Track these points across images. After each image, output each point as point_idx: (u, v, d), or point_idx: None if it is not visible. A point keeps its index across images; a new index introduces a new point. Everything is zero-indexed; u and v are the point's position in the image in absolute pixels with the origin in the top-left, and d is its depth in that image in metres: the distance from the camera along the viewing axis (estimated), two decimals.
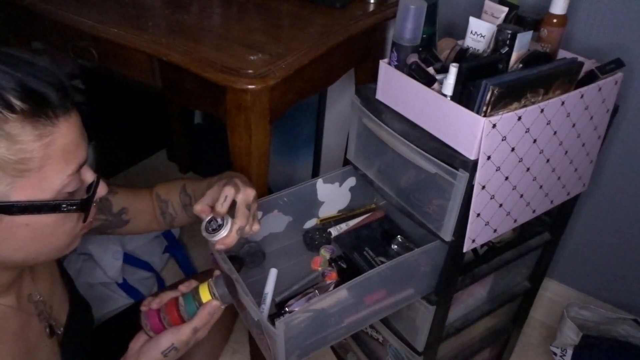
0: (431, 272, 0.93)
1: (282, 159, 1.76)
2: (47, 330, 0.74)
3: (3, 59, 0.50)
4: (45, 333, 0.73)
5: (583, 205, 1.31)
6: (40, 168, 0.53)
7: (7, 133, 0.49)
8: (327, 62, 1.07)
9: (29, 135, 0.51)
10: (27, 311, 0.70)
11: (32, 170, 0.52)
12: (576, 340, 1.28)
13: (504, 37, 0.78)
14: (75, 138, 0.57)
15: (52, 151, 0.53)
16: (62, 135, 0.54)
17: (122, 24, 1.01)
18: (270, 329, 0.78)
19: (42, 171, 0.53)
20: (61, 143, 0.54)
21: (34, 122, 0.51)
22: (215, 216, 0.77)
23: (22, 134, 0.50)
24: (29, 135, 0.51)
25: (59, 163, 0.54)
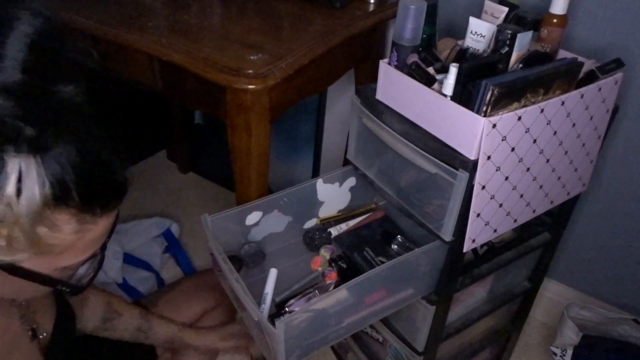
0: (431, 272, 0.93)
1: (282, 159, 1.76)
2: (30, 333, 0.74)
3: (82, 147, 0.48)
4: (27, 335, 0.73)
5: (583, 205, 1.31)
6: (61, 253, 0.53)
7: (52, 222, 0.48)
8: (327, 62, 1.07)
9: (71, 229, 0.51)
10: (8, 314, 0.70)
11: (53, 253, 0.52)
12: (576, 340, 1.28)
13: (504, 37, 0.78)
14: (105, 232, 0.56)
15: (80, 242, 0.53)
16: (96, 230, 0.54)
17: (122, 24, 1.01)
18: (270, 329, 0.78)
19: (61, 255, 0.53)
20: (92, 236, 0.54)
21: (81, 218, 0.51)
22: None
23: (64, 226, 0.50)
24: (70, 229, 0.50)
25: (80, 252, 0.55)
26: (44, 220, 0.47)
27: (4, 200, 0.43)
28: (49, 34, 0.46)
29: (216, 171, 2.01)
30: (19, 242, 0.47)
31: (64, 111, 0.47)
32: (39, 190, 0.45)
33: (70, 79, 0.48)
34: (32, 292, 0.61)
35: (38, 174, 0.44)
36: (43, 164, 0.44)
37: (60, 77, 0.47)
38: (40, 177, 0.44)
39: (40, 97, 0.45)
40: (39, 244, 0.49)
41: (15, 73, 0.44)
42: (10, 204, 0.44)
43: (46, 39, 0.46)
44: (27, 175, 0.44)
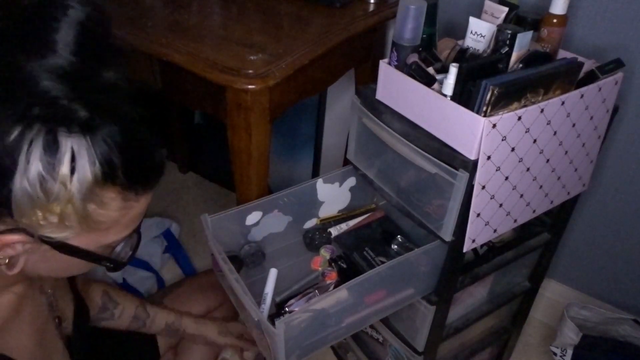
0: (431, 272, 0.93)
1: (282, 159, 1.76)
2: (56, 321, 0.76)
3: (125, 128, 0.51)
4: (54, 323, 0.76)
5: (583, 205, 1.31)
6: (107, 229, 0.55)
7: (100, 198, 0.51)
8: (327, 62, 1.07)
9: (116, 205, 0.53)
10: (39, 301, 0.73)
11: (100, 230, 0.54)
12: (576, 340, 1.28)
13: (504, 37, 0.78)
14: (144, 209, 0.59)
15: (123, 218, 0.56)
16: (138, 207, 0.57)
17: (122, 24, 1.00)
18: (270, 329, 0.78)
19: (106, 231, 0.55)
20: (134, 213, 0.57)
21: (125, 196, 0.53)
22: None
23: (111, 203, 0.52)
24: (116, 205, 0.53)
25: (123, 228, 0.57)
26: (93, 197, 0.50)
27: (58, 179, 0.46)
28: (97, 20, 0.49)
29: (216, 171, 2.01)
30: (70, 219, 0.50)
31: (109, 93, 0.50)
32: (90, 169, 0.47)
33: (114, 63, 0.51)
34: (74, 270, 0.63)
35: (89, 153, 0.47)
36: (92, 144, 0.47)
37: (106, 62, 0.50)
38: (90, 156, 0.47)
39: (89, 80, 0.48)
40: (88, 220, 0.52)
41: (67, 56, 0.46)
42: (64, 182, 0.46)
43: (95, 24, 0.49)
44: (79, 155, 0.46)
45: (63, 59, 0.46)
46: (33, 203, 0.47)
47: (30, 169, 0.45)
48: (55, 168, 0.45)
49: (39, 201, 0.47)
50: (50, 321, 0.75)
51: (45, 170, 0.45)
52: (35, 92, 0.45)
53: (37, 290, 0.73)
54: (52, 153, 0.45)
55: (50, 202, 0.47)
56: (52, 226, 0.50)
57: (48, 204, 0.47)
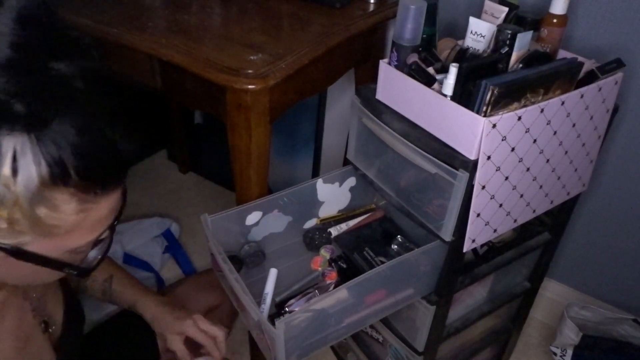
0: (431, 272, 0.93)
1: (282, 159, 1.76)
2: (42, 326, 0.74)
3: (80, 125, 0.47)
4: (40, 328, 0.73)
5: (583, 205, 1.31)
6: (66, 233, 0.51)
7: (51, 201, 0.47)
8: (327, 62, 1.07)
9: (72, 209, 0.49)
10: (22, 307, 0.71)
11: (58, 234, 0.51)
12: (576, 340, 1.28)
13: (504, 37, 0.78)
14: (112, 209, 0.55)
15: (84, 222, 0.52)
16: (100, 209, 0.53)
17: (122, 24, 1.00)
18: (270, 329, 0.78)
19: (66, 236, 0.52)
20: (96, 215, 0.53)
21: (81, 198, 0.49)
22: None
23: (65, 206, 0.48)
24: (71, 209, 0.49)
25: (86, 231, 0.53)
26: (43, 200, 0.46)
27: (1, 180, 0.43)
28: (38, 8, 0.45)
29: (216, 171, 2.01)
30: (20, 224, 0.47)
31: (58, 87, 0.46)
32: (35, 169, 0.44)
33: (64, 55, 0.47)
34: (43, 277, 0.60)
35: (33, 153, 0.43)
36: (39, 142, 0.44)
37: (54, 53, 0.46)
38: (36, 156, 0.44)
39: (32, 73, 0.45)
40: (40, 225, 0.48)
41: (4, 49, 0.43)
42: (7, 184, 0.43)
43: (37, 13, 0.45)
44: (22, 155, 0.43)
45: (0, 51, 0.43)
46: None
47: None
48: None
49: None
50: (36, 327, 0.72)
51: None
52: None
53: (20, 296, 0.70)
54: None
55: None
56: (3, 232, 0.47)
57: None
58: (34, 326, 0.72)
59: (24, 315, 0.70)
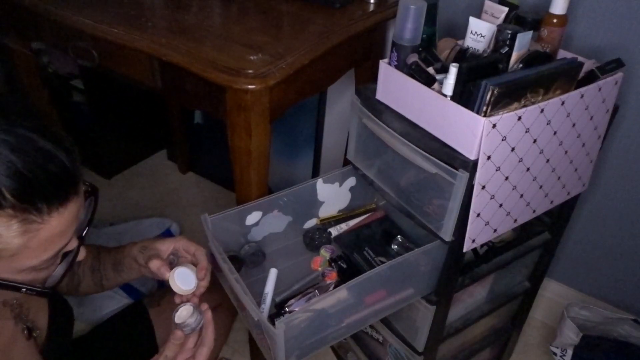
0: (431, 272, 0.93)
1: (282, 159, 1.76)
2: (25, 332, 0.72)
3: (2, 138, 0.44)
4: (23, 335, 0.72)
5: (583, 205, 1.31)
6: (14, 255, 0.49)
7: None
8: (327, 62, 1.07)
9: (14, 232, 0.46)
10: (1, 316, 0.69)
11: (4, 257, 0.48)
12: (576, 340, 1.28)
13: (504, 37, 0.78)
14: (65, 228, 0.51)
15: (32, 243, 0.49)
16: (49, 229, 0.49)
17: (122, 24, 1.00)
18: (270, 329, 0.78)
19: (14, 257, 0.49)
20: (45, 235, 0.49)
21: (23, 219, 0.46)
22: None
23: (5, 230, 0.46)
24: (13, 231, 0.46)
25: (36, 251, 0.50)
26: None
27: None
28: None
29: (216, 171, 2.01)
30: None
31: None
32: None
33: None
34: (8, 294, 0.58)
35: None
36: None
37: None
38: None
39: None
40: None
41: None
42: None
43: None
44: None
45: None
46: None
47: None
48: None
49: None
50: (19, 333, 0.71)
51: None
52: None
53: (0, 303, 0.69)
54: None
55: None
56: None
57: None
58: (16, 332, 0.71)
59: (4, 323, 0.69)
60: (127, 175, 2.06)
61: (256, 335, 0.91)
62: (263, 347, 0.89)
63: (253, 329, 0.92)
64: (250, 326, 0.95)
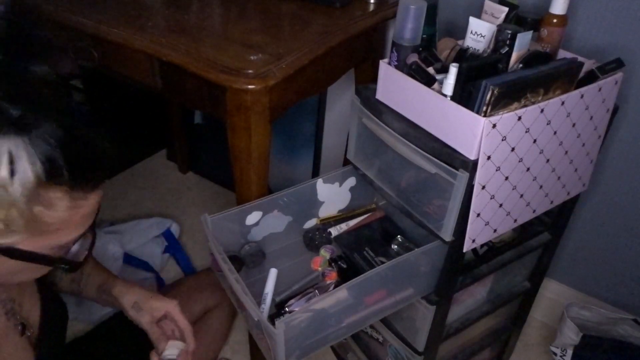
0: (431, 272, 0.93)
1: (282, 159, 1.76)
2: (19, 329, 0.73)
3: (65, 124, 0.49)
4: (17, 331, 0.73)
5: (583, 205, 1.31)
6: (57, 230, 0.53)
7: (47, 200, 0.49)
8: (327, 62, 1.07)
9: (64, 205, 0.51)
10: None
11: (50, 232, 0.52)
12: (576, 340, 1.28)
13: (504, 37, 0.78)
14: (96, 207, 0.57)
15: (74, 218, 0.54)
16: (88, 206, 0.55)
17: (122, 24, 1.00)
18: (270, 329, 0.78)
19: (57, 232, 0.53)
20: (85, 212, 0.55)
21: (73, 194, 0.51)
22: None
23: (59, 203, 0.50)
24: (64, 205, 0.51)
25: (74, 227, 0.55)
26: (39, 199, 0.48)
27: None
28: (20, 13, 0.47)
29: (216, 171, 2.01)
30: (16, 224, 0.48)
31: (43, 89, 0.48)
32: (31, 169, 0.45)
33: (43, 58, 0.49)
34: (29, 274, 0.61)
35: (28, 154, 0.45)
36: (30, 143, 0.45)
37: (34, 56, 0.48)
38: (30, 157, 0.45)
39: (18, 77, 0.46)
40: (35, 223, 0.50)
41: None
42: (4, 186, 0.44)
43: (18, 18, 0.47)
44: (18, 157, 0.44)
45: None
46: None
47: None
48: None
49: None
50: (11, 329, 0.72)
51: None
52: None
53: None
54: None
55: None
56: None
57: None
58: (9, 328, 0.72)
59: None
60: (127, 175, 2.06)
61: (256, 335, 0.91)
62: (263, 347, 0.89)
63: (253, 329, 0.92)
64: (250, 326, 0.95)
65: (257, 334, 0.90)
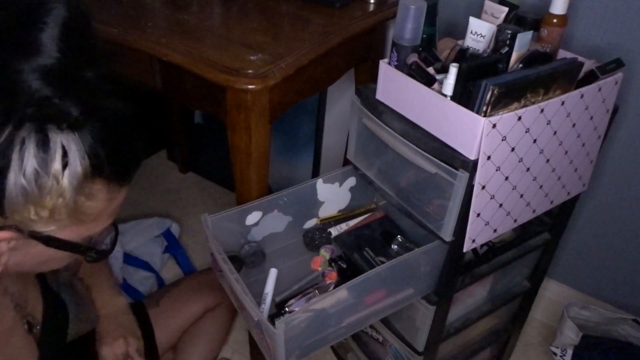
0: (431, 272, 0.93)
1: (282, 159, 1.76)
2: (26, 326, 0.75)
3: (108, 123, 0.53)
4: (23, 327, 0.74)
5: (583, 205, 1.31)
6: (93, 220, 0.57)
7: (88, 191, 0.53)
8: (327, 62, 1.07)
9: (103, 197, 0.56)
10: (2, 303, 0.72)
11: (86, 221, 0.57)
12: (576, 340, 1.28)
13: (504, 37, 0.78)
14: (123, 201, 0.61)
15: (107, 209, 0.58)
16: (120, 198, 0.60)
17: (122, 24, 1.00)
18: (270, 329, 0.78)
19: (92, 222, 0.58)
20: (116, 204, 0.60)
21: (111, 187, 0.56)
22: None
23: (99, 194, 0.55)
24: (102, 197, 0.56)
25: (106, 218, 0.60)
26: (83, 190, 0.52)
27: (51, 174, 0.48)
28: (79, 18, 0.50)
29: (216, 171, 2.01)
30: (60, 213, 0.52)
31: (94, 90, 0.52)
32: (80, 163, 0.50)
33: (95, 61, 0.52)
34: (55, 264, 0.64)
35: (78, 148, 0.49)
36: (80, 139, 0.49)
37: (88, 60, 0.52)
38: (80, 151, 0.49)
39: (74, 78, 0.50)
40: (77, 212, 0.54)
41: (53, 55, 0.47)
42: (57, 177, 0.49)
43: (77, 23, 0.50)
44: (70, 151, 0.49)
45: (50, 58, 0.47)
46: (27, 199, 0.48)
47: (27, 165, 0.46)
48: (48, 164, 0.47)
49: (33, 196, 0.48)
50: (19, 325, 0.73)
51: (39, 166, 0.47)
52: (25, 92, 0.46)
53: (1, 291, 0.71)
54: (45, 150, 0.47)
55: (43, 196, 0.49)
56: (42, 220, 0.52)
57: (41, 199, 0.49)
58: (16, 323, 0.73)
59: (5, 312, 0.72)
60: None
61: (256, 335, 0.91)
62: (263, 347, 0.89)
63: (253, 329, 0.92)
64: (250, 326, 0.95)
65: (257, 334, 0.90)
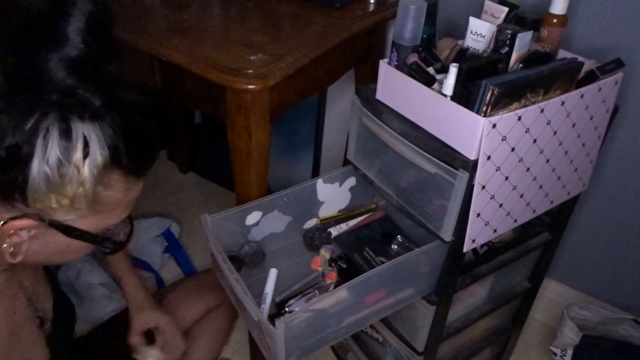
0: (431, 272, 0.93)
1: (282, 159, 1.76)
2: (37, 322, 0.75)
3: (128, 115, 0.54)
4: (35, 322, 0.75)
5: (583, 205, 1.31)
6: (110, 211, 0.58)
7: (107, 181, 0.54)
8: (327, 62, 1.08)
9: (120, 187, 0.57)
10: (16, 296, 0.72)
11: (104, 212, 0.57)
12: (576, 340, 1.28)
13: (504, 37, 0.78)
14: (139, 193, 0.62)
15: (124, 200, 0.59)
16: (136, 191, 0.61)
17: (122, 23, 1.00)
18: (270, 329, 0.78)
19: (110, 213, 0.59)
20: (133, 196, 0.61)
21: (128, 178, 0.57)
22: None
23: (116, 185, 0.56)
24: (120, 187, 0.57)
25: (122, 209, 0.61)
26: (102, 180, 0.53)
27: (73, 163, 0.49)
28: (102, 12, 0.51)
29: (216, 171, 2.01)
30: (79, 202, 0.53)
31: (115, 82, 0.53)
32: (100, 153, 0.50)
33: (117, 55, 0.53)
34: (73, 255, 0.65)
35: (99, 139, 0.50)
36: (101, 129, 0.50)
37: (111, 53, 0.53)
38: (100, 141, 0.50)
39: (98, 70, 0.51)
40: (96, 202, 0.55)
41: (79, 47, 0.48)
42: (78, 166, 0.50)
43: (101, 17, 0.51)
44: (91, 141, 0.49)
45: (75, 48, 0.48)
46: (49, 187, 0.49)
47: (50, 154, 0.47)
48: (70, 153, 0.48)
49: (55, 185, 0.49)
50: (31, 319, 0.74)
51: (62, 155, 0.48)
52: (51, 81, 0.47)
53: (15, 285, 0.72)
54: (68, 139, 0.48)
55: (64, 185, 0.50)
56: (63, 209, 0.53)
57: (62, 187, 0.50)
58: (28, 317, 0.73)
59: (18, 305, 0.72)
60: None
61: (256, 335, 0.91)
62: (263, 347, 0.89)
63: (253, 329, 0.92)
64: (250, 326, 0.95)
65: (257, 334, 0.90)
